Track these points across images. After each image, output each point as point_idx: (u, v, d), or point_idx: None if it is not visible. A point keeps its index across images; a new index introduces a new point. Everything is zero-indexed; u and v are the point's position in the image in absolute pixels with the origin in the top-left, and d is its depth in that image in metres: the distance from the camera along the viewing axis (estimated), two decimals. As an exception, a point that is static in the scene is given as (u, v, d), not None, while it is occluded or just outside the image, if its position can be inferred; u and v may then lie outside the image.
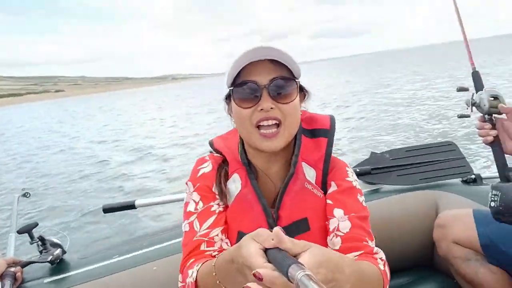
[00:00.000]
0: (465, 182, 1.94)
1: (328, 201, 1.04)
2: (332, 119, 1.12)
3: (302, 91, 1.06)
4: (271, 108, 0.96)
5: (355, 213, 1.01)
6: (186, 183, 1.12)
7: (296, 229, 1.02)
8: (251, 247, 0.69)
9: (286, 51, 0.95)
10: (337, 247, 0.97)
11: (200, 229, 1.04)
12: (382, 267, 0.95)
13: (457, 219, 1.57)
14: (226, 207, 1.09)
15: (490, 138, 1.34)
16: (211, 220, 1.05)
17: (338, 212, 1.01)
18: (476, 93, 1.41)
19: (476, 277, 1.46)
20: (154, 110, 29.52)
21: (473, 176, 1.94)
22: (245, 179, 1.06)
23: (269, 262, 0.68)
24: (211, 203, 1.07)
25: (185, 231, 1.06)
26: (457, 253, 1.52)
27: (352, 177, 1.09)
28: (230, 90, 1.00)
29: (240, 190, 1.06)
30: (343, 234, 0.98)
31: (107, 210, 2.01)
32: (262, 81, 0.96)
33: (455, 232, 1.54)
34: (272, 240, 0.68)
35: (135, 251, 1.72)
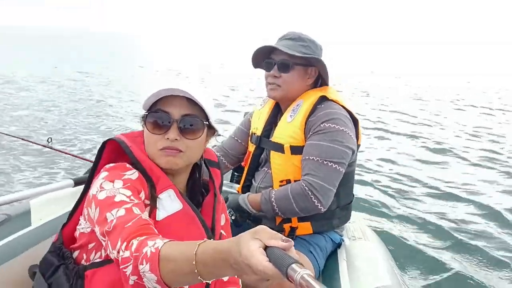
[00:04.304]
0: None
1: None
2: (217, 155, 1.31)
3: (212, 128, 1.16)
4: (176, 139, 1.06)
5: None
6: (112, 181, 1.04)
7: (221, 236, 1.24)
8: (252, 246, 0.72)
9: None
10: None
11: (142, 214, 0.98)
12: None
13: None
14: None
15: None
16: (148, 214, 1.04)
17: None
18: None
19: None
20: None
21: None
22: (180, 197, 1.11)
23: (269, 260, 0.71)
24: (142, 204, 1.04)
25: (119, 216, 0.95)
26: None
27: None
28: (145, 114, 1.10)
29: (183, 207, 1.10)
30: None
31: None
32: (175, 115, 1.07)
33: None
34: (273, 239, 0.73)
35: None
